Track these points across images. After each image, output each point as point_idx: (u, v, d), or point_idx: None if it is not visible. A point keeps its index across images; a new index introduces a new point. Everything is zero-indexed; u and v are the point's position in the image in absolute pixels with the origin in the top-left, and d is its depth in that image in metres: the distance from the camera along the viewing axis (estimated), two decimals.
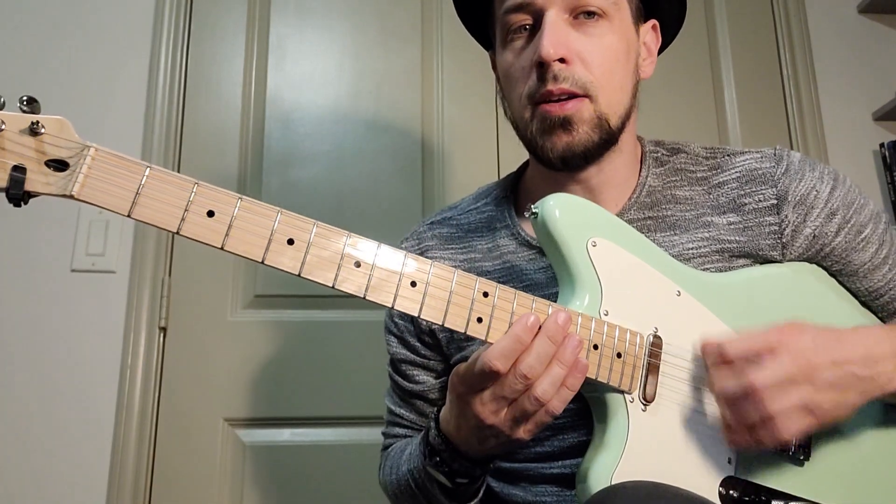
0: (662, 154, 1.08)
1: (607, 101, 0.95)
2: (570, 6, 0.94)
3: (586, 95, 0.93)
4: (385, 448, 1.19)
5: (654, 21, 1.06)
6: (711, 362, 0.85)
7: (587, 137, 0.94)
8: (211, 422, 1.74)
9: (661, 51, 1.10)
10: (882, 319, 1.04)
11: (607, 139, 0.96)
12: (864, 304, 1.04)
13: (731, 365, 0.82)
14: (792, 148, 2.05)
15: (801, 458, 0.91)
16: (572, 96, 0.93)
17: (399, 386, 1.15)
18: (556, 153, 0.95)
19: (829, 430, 0.94)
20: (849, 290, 1.03)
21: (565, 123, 0.93)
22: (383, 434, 1.20)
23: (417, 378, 1.12)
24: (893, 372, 0.86)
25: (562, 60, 0.92)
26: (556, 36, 0.92)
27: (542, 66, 0.93)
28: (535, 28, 0.95)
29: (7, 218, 1.76)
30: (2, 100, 0.65)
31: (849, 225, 0.98)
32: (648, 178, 1.04)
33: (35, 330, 1.72)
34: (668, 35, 1.11)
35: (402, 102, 1.98)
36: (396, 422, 1.16)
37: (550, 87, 0.92)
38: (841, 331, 0.86)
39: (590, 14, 0.94)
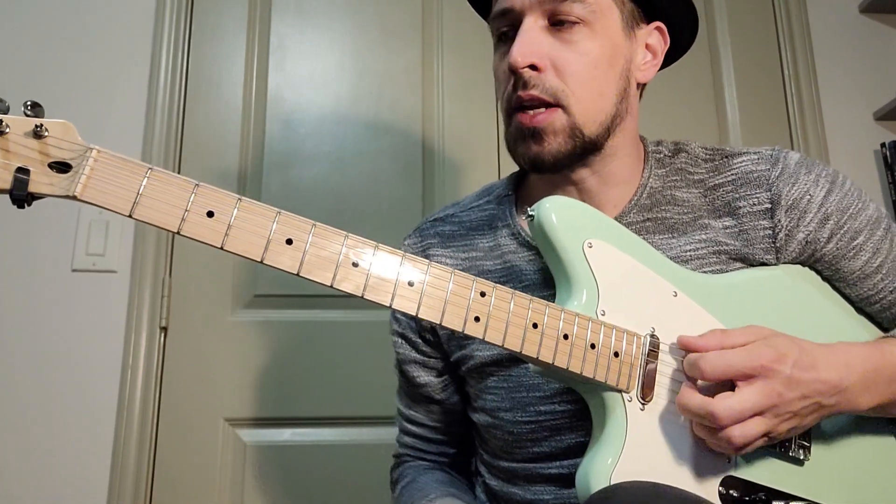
0: (665, 155, 1.07)
1: (583, 110, 0.94)
2: (548, 13, 0.93)
3: (557, 105, 0.93)
4: (398, 457, 1.23)
5: (658, 23, 1.03)
6: (687, 371, 0.85)
7: (557, 148, 0.94)
8: (211, 422, 1.74)
9: (678, 55, 1.09)
10: (878, 324, 1.03)
11: (584, 147, 0.96)
12: (859, 309, 1.03)
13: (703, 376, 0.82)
14: (793, 147, 2.05)
15: (802, 457, 0.91)
16: (543, 104, 0.93)
17: (406, 387, 1.17)
18: (525, 160, 0.96)
19: (830, 430, 0.94)
20: (842, 294, 1.02)
21: (535, 135, 0.93)
22: (397, 441, 1.23)
23: (419, 379, 1.13)
24: (857, 398, 0.87)
25: (533, 67, 0.92)
26: (527, 44, 0.92)
27: (515, 73, 0.93)
28: (515, 34, 0.95)
29: (8, 218, 1.76)
30: (6, 104, 0.66)
31: (841, 231, 0.97)
32: (650, 180, 1.04)
33: (35, 330, 1.72)
34: (684, 39, 1.08)
35: (403, 103, 1.98)
36: (409, 419, 1.18)
37: (521, 93, 0.93)
38: (818, 353, 0.85)
39: (568, 21, 0.93)
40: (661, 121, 1.99)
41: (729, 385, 0.82)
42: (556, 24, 0.94)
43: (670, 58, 1.08)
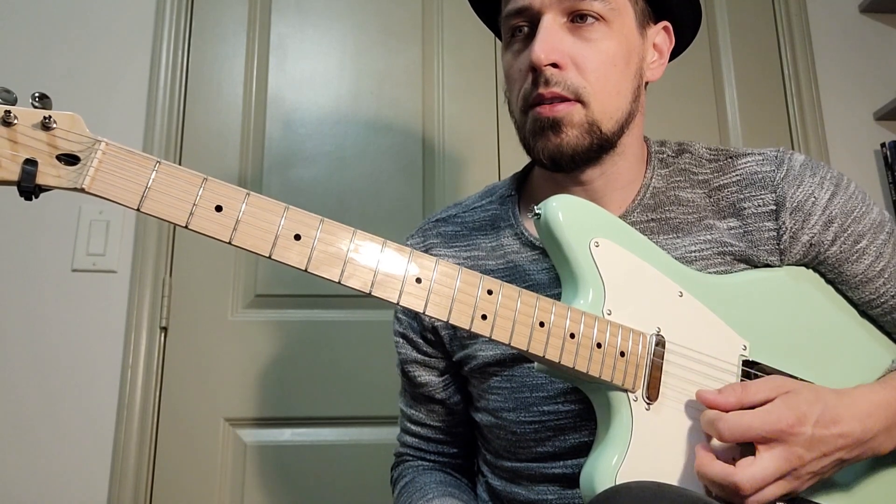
0: (668, 155, 1.07)
1: (601, 107, 0.94)
2: (567, 11, 0.93)
3: (578, 100, 0.93)
4: (398, 456, 1.23)
5: (665, 23, 1.04)
6: (704, 428, 0.84)
7: (576, 141, 0.94)
8: (212, 422, 1.74)
9: (677, 54, 1.09)
10: (880, 327, 1.03)
11: (600, 144, 0.96)
12: (862, 312, 1.03)
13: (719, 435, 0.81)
14: (793, 147, 2.05)
15: None
16: (563, 100, 0.93)
17: (407, 387, 1.17)
18: (545, 154, 0.95)
19: None
20: (845, 297, 1.02)
21: (555, 126, 0.93)
22: (398, 440, 1.23)
23: (420, 378, 1.13)
24: (880, 445, 0.86)
25: (554, 65, 0.92)
26: (549, 42, 0.92)
27: (535, 71, 0.93)
28: (533, 31, 0.95)
29: (8, 218, 1.76)
30: (14, 95, 0.65)
31: (845, 234, 0.97)
32: (653, 180, 1.03)
33: (35, 330, 1.72)
34: (685, 38, 1.10)
35: (403, 102, 1.98)
36: (411, 419, 1.18)
37: (542, 90, 0.93)
38: (841, 405, 0.84)
39: (587, 18, 0.94)
40: (662, 120, 1.99)
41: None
42: (575, 20, 0.94)
43: (669, 57, 1.08)
